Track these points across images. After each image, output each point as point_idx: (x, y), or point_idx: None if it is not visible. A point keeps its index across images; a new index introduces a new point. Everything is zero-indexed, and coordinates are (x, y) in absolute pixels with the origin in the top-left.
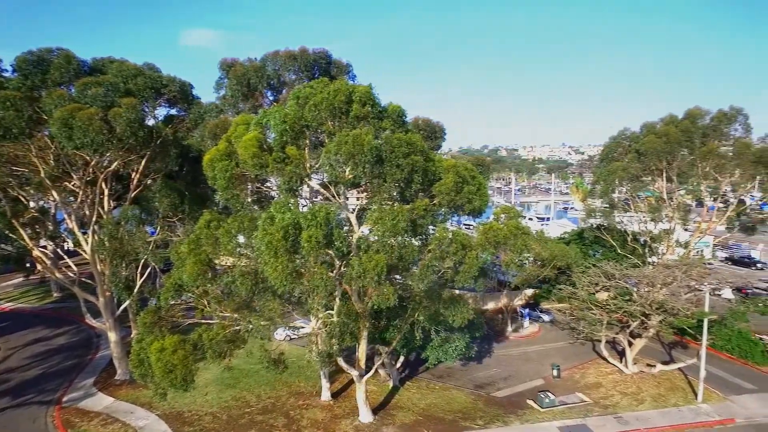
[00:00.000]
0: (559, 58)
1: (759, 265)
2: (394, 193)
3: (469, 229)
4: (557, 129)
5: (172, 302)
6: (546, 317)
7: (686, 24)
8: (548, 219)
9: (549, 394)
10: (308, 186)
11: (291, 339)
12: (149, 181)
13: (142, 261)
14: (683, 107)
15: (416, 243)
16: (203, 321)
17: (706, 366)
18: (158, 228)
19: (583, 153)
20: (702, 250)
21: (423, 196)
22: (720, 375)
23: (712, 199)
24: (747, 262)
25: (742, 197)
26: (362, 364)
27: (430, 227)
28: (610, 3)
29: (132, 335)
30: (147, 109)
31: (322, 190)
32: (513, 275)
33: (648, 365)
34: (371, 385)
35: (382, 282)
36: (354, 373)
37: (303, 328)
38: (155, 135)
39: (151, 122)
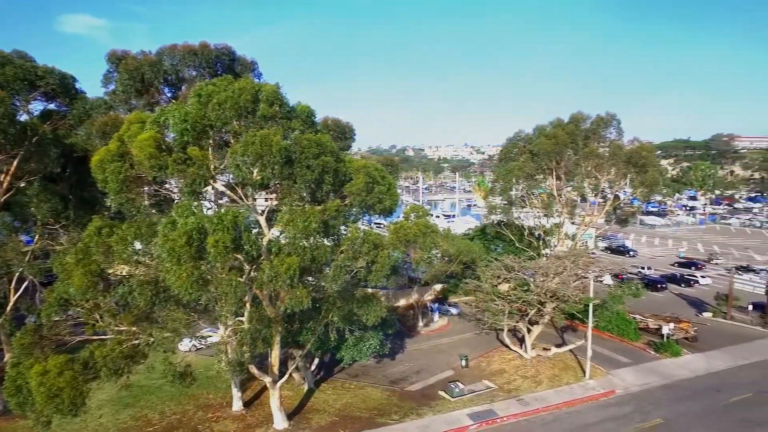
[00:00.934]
0: (462, 63)
1: (631, 253)
2: (305, 194)
3: (380, 228)
4: (460, 130)
5: (57, 319)
6: (454, 310)
7: (578, 34)
8: (454, 216)
9: (459, 383)
10: (213, 188)
11: (198, 349)
12: (23, 184)
13: (17, 274)
14: (569, 111)
15: (329, 244)
16: (95, 337)
17: (592, 346)
18: (36, 237)
19: (483, 153)
20: (587, 242)
21: (334, 196)
22: (603, 353)
23: (593, 195)
24: (622, 250)
25: (617, 193)
26: (276, 369)
27: (342, 228)
28: (509, 10)
29: (5, 359)
30: (18, 104)
31: (228, 192)
32: (423, 272)
33: (544, 349)
34: (286, 389)
35: (295, 284)
36: (267, 379)
37: (211, 337)
38: (30, 132)
39: (24, 118)
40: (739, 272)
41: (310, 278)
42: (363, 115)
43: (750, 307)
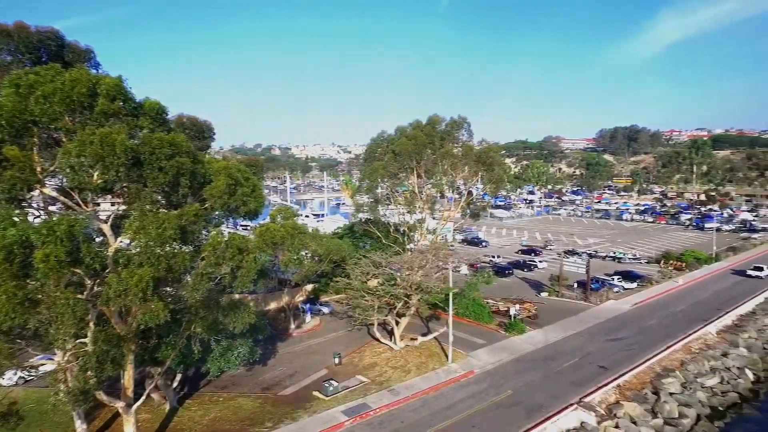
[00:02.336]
0: (329, 63)
1: (484, 244)
2: (159, 198)
3: (246, 230)
4: (328, 129)
5: None
6: (326, 309)
7: (431, 39)
8: (323, 216)
9: (332, 382)
10: (42, 193)
11: (27, 381)
12: None
13: None
14: (428, 113)
15: (188, 251)
16: None
17: (453, 332)
18: None
19: (350, 152)
20: (446, 235)
21: (193, 200)
22: (463, 337)
23: (450, 191)
24: (476, 242)
25: (471, 189)
26: (130, 392)
27: (204, 233)
28: (376, 11)
29: None
30: None
31: (62, 197)
32: (293, 273)
33: (412, 339)
34: (144, 412)
35: (149, 298)
36: (120, 404)
37: (44, 365)
38: None
39: None
40: (567, 256)
41: (167, 289)
42: (225, 113)
43: (575, 285)
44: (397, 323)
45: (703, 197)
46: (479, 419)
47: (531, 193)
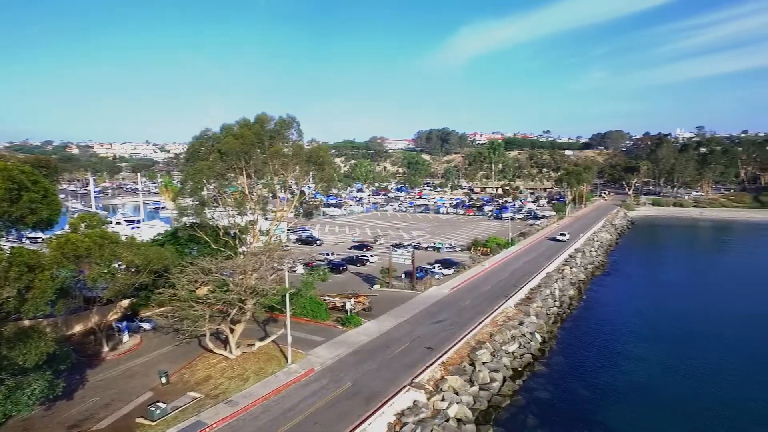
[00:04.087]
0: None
1: (318, 242)
2: None
3: (37, 243)
4: (141, 126)
5: None
6: (147, 325)
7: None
8: (139, 221)
9: (159, 404)
10: None
11: None
12: None
13: None
14: (255, 111)
15: None
16: None
17: (292, 332)
18: None
19: (168, 151)
20: (279, 236)
21: None
22: (302, 336)
23: (282, 191)
24: (310, 240)
25: (303, 188)
26: None
27: None
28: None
29: None
30: None
31: None
32: (103, 288)
33: (248, 345)
34: None
35: None
36: None
37: None
38: None
39: None
40: (395, 249)
41: None
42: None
43: (403, 276)
44: (232, 330)
45: (500, 191)
46: (321, 415)
47: (360, 191)
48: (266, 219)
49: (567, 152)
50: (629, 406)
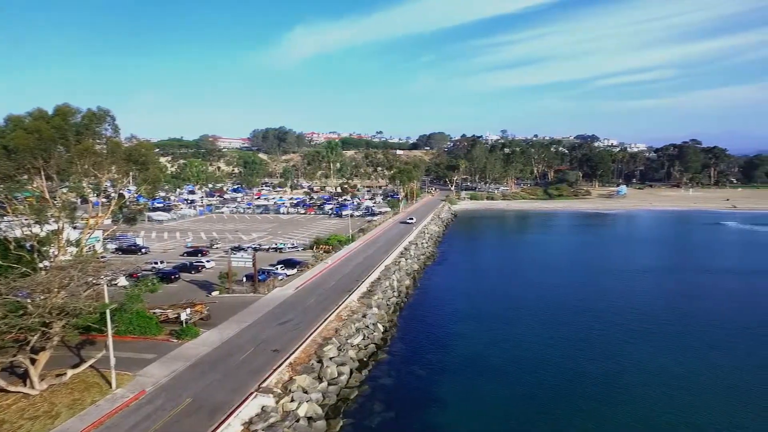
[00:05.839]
0: None
1: (144, 250)
2: None
3: None
4: None
5: None
6: None
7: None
8: None
9: None
10: None
11: None
12: None
13: None
14: (53, 103)
15: None
16: None
17: (115, 353)
18: None
19: None
20: (94, 245)
21: None
22: (129, 356)
23: (95, 195)
24: (134, 249)
25: (122, 191)
26: None
27: None
28: None
29: None
30: None
31: None
32: None
33: (57, 375)
34: None
35: None
36: None
37: None
38: None
39: None
40: (234, 252)
41: None
42: None
43: (244, 279)
44: (34, 361)
45: (339, 189)
46: None
47: (192, 192)
48: (75, 227)
49: (398, 152)
50: (461, 378)
